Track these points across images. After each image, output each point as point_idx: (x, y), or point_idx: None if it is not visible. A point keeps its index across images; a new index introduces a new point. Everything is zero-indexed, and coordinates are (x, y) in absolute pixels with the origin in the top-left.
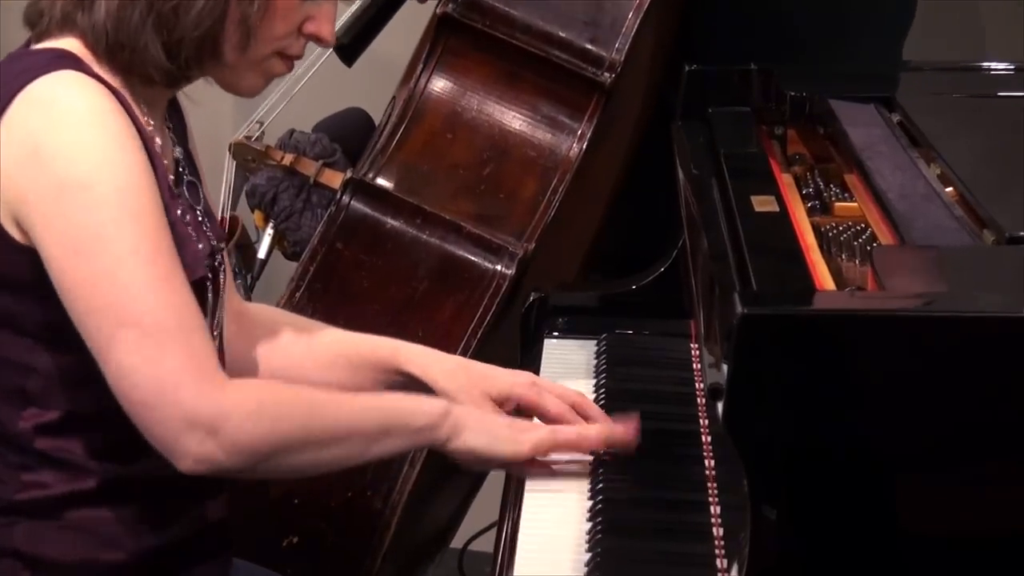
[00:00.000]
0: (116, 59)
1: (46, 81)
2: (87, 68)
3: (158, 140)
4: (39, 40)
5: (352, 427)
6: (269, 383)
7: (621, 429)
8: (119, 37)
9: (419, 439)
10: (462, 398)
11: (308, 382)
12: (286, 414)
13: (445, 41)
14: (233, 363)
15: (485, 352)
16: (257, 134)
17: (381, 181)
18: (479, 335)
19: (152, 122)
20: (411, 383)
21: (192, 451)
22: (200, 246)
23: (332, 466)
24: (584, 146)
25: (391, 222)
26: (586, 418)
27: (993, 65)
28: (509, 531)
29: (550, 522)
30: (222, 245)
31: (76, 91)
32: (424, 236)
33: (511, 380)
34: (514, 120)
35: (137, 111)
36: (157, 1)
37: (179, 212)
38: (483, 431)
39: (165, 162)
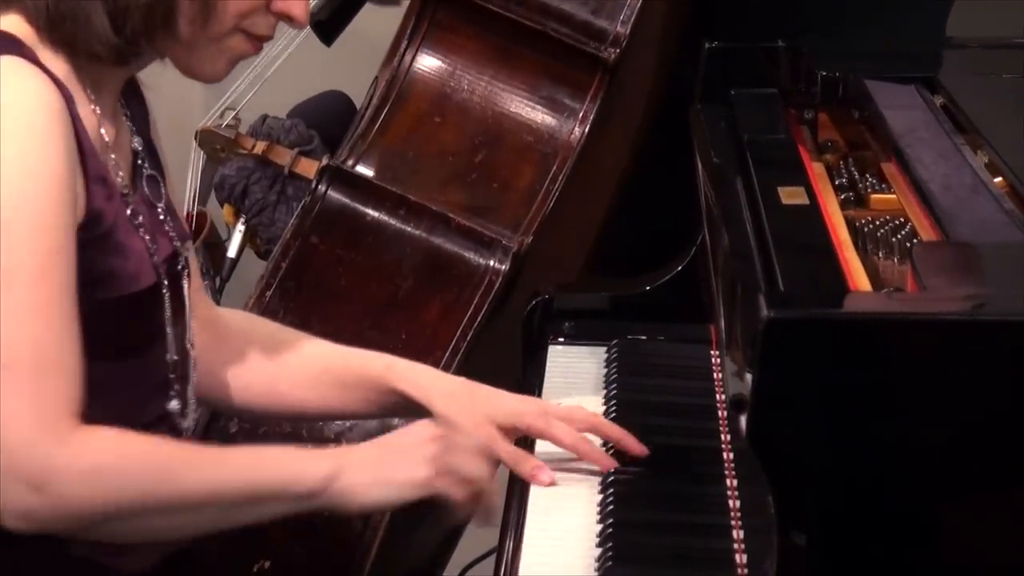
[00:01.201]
0: (59, 34)
1: None
2: (28, 53)
3: (104, 131)
4: None
5: (211, 494)
6: (123, 438)
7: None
8: (60, 7)
9: (300, 507)
10: (462, 421)
11: (288, 401)
12: (129, 478)
13: (432, 14)
14: (203, 377)
15: (476, 356)
16: (227, 121)
17: (361, 169)
18: (469, 337)
19: (100, 110)
20: (406, 404)
21: (14, 505)
22: (155, 249)
23: (192, 532)
24: (586, 129)
25: (372, 213)
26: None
27: None
28: (509, 559)
29: (555, 548)
30: (186, 245)
31: (10, 81)
32: (409, 229)
33: (519, 407)
34: (509, 101)
35: (83, 100)
36: None
37: (129, 212)
38: (382, 483)
39: (113, 156)
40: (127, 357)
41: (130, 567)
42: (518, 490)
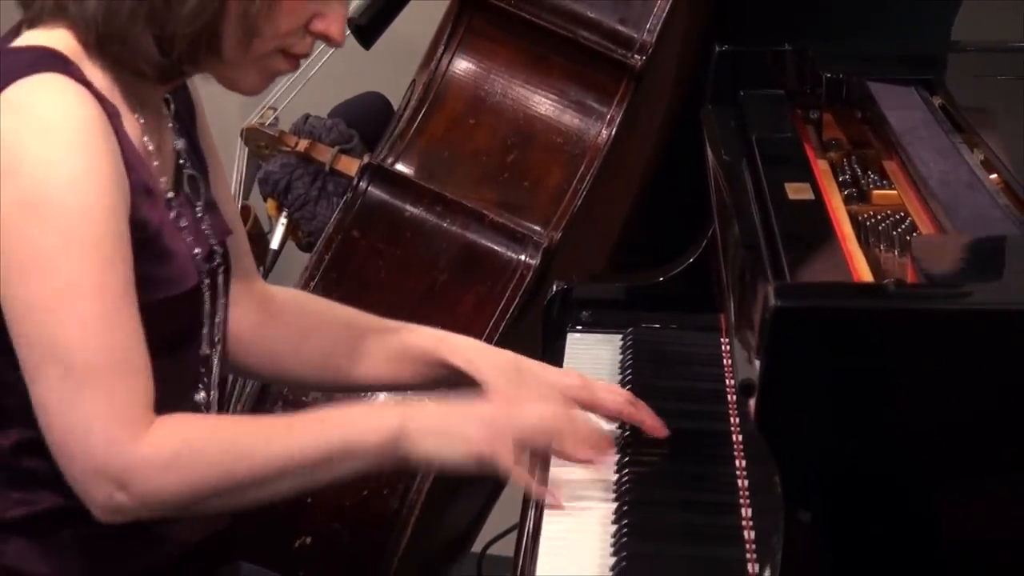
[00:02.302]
0: (107, 52)
1: (25, 85)
2: (74, 69)
3: (147, 140)
4: (31, 26)
5: (288, 462)
6: (186, 424)
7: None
8: (109, 29)
9: (375, 459)
10: (509, 394)
11: (343, 374)
12: (204, 462)
13: (468, 21)
14: (256, 353)
15: (507, 347)
16: (270, 119)
17: (400, 167)
18: (501, 329)
19: (143, 120)
20: (456, 377)
21: (101, 502)
22: (196, 251)
23: (277, 498)
24: (613, 132)
25: (410, 209)
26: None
27: None
28: (530, 534)
29: (573, 525)
30: (219, 248)
31: (54, 99)
32: (445, 224)
33: (563, 380)
34: (540, 104)
35: (127, 113)
36: None
37: (173, 216)
38: (444, 435)
39: (156, 163)
40: (167, 354)
41: (178, 540)
42: (539, 471)
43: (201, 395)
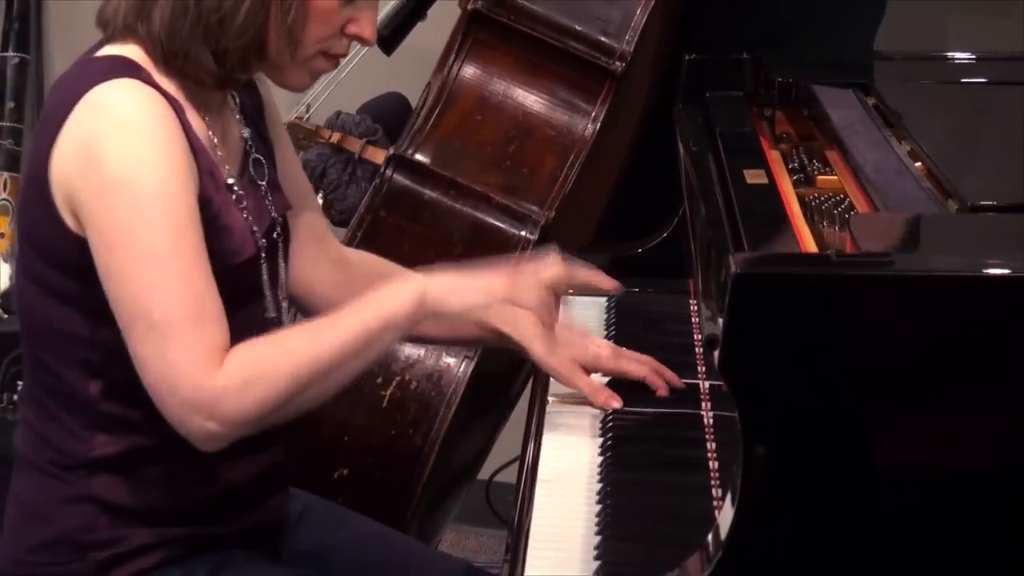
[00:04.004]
0: (172, 65)
1: (104, 88)
2: (144, 75)
3: (211, 134)
4: (109, 42)
5: (340, 354)
6: (251, 350)
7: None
8: (172, 46)
9: (411, 324)
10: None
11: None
12: (272, 375)
13: (475, 34)
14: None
15: None
16: (308, 115)
17: (419, 157)
18: None
19: (207, 118)
20: (504, 341)
21: (198, 433)
22: (255, 228)
23: (342, 385)
24: (597, 127)
25: (429, 193)
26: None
27: (956, 55)
28: (530, 464)
29: (566, 456)
30: (279, 219)
31: (129, 98)
32: (457, 205)
33: (595, 351)
34: (535, 104)
35: (192, 111)
36: (204, 14)
37: (235, 198)
38: (464, 291)
39: (220, 153)
40: (234, 315)
41: (242, 471)
42: (537, 411)
43: None
